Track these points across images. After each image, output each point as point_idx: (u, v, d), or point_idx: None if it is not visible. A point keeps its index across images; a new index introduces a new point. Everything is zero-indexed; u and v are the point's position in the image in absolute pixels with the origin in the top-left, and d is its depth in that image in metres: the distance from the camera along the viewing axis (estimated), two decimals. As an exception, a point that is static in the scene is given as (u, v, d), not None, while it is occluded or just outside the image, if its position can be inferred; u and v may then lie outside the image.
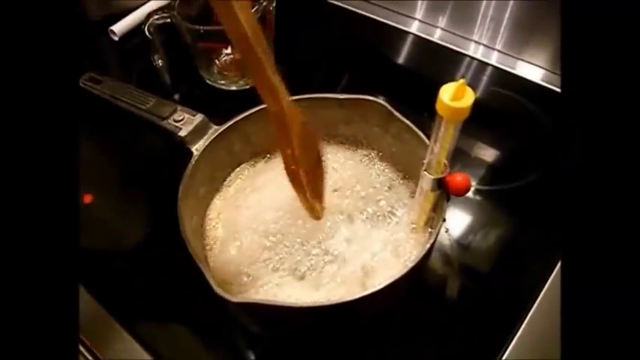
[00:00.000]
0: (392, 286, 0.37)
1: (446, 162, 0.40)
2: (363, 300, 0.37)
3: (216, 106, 0.65)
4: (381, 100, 0.48)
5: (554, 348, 0.42)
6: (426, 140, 0.45)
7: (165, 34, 0.66)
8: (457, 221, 0.54)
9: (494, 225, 0.55)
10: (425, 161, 0.40)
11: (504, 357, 0.44)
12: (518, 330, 0.45)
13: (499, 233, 0.54)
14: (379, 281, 0.38)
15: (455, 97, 0.34)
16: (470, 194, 0.57)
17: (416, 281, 0.44)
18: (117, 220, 0.55)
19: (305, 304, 0.38)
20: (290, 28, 0.73)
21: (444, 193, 0.42)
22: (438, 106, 0.35)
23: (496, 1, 0.70)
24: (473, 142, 0.64)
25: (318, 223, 0.47)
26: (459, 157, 0.61)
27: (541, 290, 0.48)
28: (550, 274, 0.48)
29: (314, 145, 0.44)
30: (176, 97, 0.67)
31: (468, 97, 0.34)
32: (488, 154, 0.62)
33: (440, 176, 0.40)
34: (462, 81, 0.34)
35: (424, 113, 0.45)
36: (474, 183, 0.59)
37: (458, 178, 0.41)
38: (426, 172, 0.40)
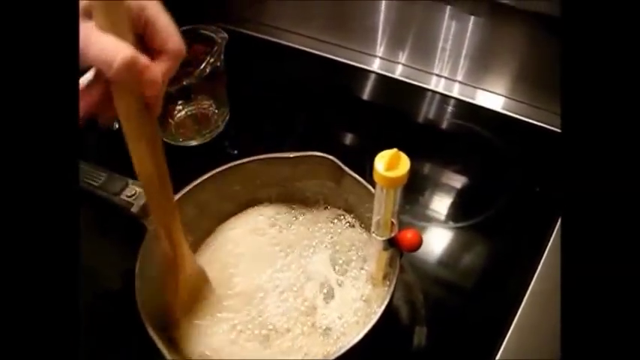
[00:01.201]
0: (350, 352, 0.37)
1: (393, 221, 0.40)
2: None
3: (179, 164, 0.64)
4: (329, 156, 0.48)
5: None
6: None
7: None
8: (427, 257, 0.54)
9: (465, 258, 0.55)
10: (373, 222, 0.40)
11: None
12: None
13: (469, 265, 0.55)
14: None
15: (390, 166, 0.34)
16: (437, 229, 0.58)
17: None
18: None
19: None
20: (245, 73, 0.73)
21: (396, 250, 0.42)
22: (375, 176, 0.35)
23: (454, 32, 0.70)
24: (438, 176, 0.64)
25: (282, 290, 0.47)
26: (425, 191, 0.62)
27: (514, 318, 0.48)
28: (522, 299, 0.49)
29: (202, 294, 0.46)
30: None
31: (403, 165, 0.35)
32: (453, 188, 0.63)
33: (389, 237, 0.40)
34: (395, 150, 0.34)
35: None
36: (442, 218, 0.59)
37: (408, 235, 0.41)
38: (375, 235, 0.40)
